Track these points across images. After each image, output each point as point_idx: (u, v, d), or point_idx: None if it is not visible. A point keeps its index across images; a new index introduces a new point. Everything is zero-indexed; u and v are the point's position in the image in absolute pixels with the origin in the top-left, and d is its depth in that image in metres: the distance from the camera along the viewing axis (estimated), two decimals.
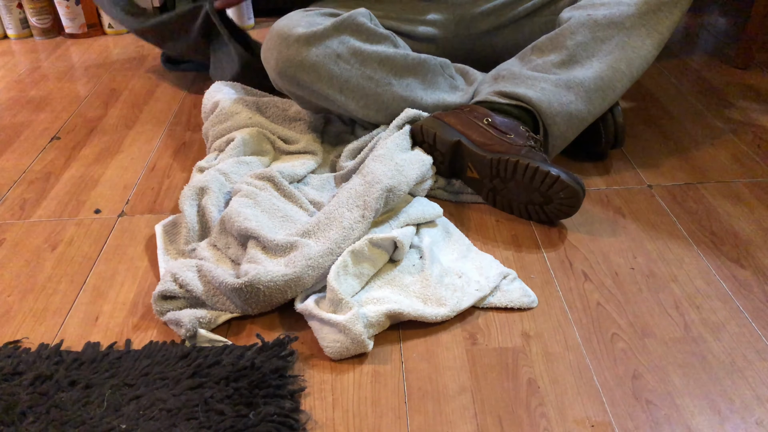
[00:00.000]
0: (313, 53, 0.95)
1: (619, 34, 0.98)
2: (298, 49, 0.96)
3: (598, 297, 0.79)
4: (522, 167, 0.87)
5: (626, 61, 0.97)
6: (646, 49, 0.98)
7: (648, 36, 0.98)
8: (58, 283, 0.85)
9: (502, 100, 0.97)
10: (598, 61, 0.97)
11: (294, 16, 1.02)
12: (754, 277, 0.81)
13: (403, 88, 1.01)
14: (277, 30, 0.99)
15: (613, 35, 0.98)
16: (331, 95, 0.98)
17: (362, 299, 0.77)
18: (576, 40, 0.98)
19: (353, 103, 1.00)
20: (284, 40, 0.97)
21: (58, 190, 1.06)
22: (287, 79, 0.98)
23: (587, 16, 0.99)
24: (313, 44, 0.95)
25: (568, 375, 0.68)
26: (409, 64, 1.02)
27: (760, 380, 0.67)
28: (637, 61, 0.98)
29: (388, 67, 1.00)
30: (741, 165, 1.06)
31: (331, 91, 0.98)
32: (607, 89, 0.97)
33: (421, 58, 1.03)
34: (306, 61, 0.96)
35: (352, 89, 0.98)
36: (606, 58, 0.97)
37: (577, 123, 0.97)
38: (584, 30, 0.98)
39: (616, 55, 0.97)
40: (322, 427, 0.64)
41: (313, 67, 0.96)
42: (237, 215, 0.83)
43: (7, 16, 1.76)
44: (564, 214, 0.89)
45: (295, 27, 0.97)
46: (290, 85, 0.99)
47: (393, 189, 0.86)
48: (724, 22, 1.71)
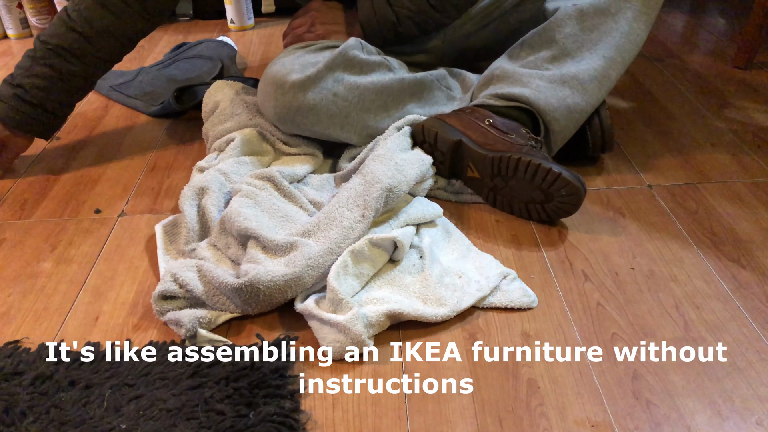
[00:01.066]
0: (310, 97, 0.96)
1: (607, 20, 0.97)
2: (295, 95, 0.96)
3: (598, 297, 0.79)
4: (524, 164, 0.87)
5: (616, 47, 0.97)
6: (634, 32, 0.98)
7: (635, 19, 0.98)
8: (58, 283, 0.85)
9: (500, 103, 0.97)
10: (588, 51, 0.97)
11: (286, 61, 1.01)
12: (754, 277, 0.81)
13: (402, 113, 1.02)
14: (271, 77, 0.98)
15: (600, 23, 0.97)
16: (332, 133, 0.99)
17: (362, 299, 0.77)
18: (564, 33, 0.98)
19: (355, 137, 1.01)
20: (279, 87, 0.97)
21: (58, 190, 1.06)
22: (287, 123, 0.99)
23: (573, 6, 0.99)
24: (308, 88, 0.95)
25: (568, 375, 0.68)
26: (406, 88, 1.02)
27: (760, 380, 0.67)
28: (628, 45, 0.98)
29: (386, 95, 1.00)
30: (741, 165, 1.06)
31: (331, 130, 0.99)
32: (602, 78, 0.97)
33: (417, 78, 1.04)
34: (304, 105, 0.96)
35: (352, 123, 0.99)
36: (597, 48, 0.97)
37: (576, 116, 0.97)
38: (571, 21, 0.98)
39: (606, 43, 0.97)
40: (322, 427, 0.64)
41: (313, 110, 0.96)
42: (237, 215, 0.83)
43: (7, 16, 1.76)
44: (565, 212, 0.89)
45: (288, 73, 0.97)
46: (291, 127, 1.00)
47: (393, 189, 0.86)
48: (724, 22, 1.71)
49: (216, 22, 1.88)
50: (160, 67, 1.50)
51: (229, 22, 1.81)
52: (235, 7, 1.77)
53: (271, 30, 1.80)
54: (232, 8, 1.78)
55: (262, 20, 1.87)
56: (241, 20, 1.79)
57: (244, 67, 1.53)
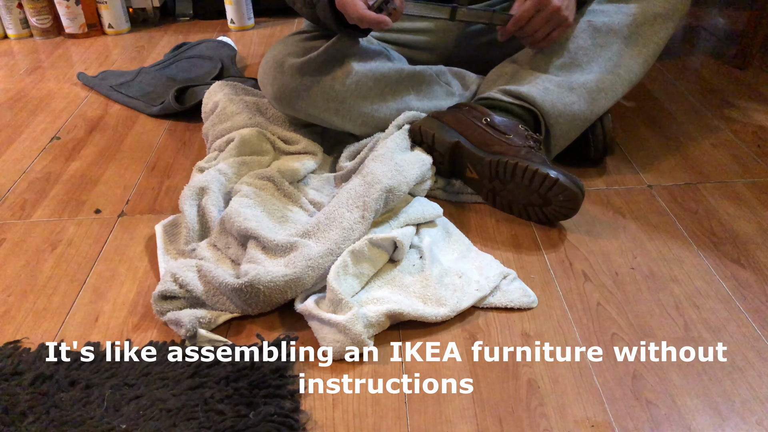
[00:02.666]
0: (308, 80, 0.97)
1: (618, 42, 1.00)
2: (293, 76, 0.97)
3: (598, 297, 0.79)
4: (521, 169, 0.87)
5: (625, 67, 1.00)
6: (642, 57, 1.00)
7: (644, 45, 1.00)
8: (58, 283, 0.85)
9: (505, 98, 0.98)
10: (598, 65, 0.99)
11: (289, 42, 1.03)
12: (754, 277, 0.81)
13: (399, 103, 1.02)
14: (272, 57, 1.00)
15: (612, 42, 1.00)
16: (327, 118, 1.00)
17: (362, 299, 0.77)
18: (577, 44, 1.00)
19: (350, 124, 1.01)
20: (279, 67, 0.99)
21: (58, 190, 1.06)
22: (284, 105, 1.00)
23: (587, 23, 1.01)
24: (307, 71, 0.97)
25: (568, 375, 0.68)
26: (404, 78, 1.03)
27: (760, 380, 0.67)
28: (635, 67, 1.00)
29: (383, 84, 1.00)
30: (741, 165, 1.06)
31: (326, 115, 0.99)
32: (609, 90, 0.99)
33: (416, 70, 1.04)
34: (301, 87, 0.97)
35: (348, 109, 0.99)
36: (606, 64, 0.99)
37: (579, 123, 0.98)
38: (584, 35, 1.00)
39: (615, 62, 0.99)
40: (322, 427, 0.64)
41: (309, 94, 0.97)
42: (237, 215, 0.83)
43: (7, 16, 1.76)
44: (563, 216, 0.89)
45: (289, 55, 0.99)
46: (287, 109, 1.01)
47: (393, 189, 0.86)
48: (724, 22, 1.71)
49: (216, 22, 1.88)
50: (160, 67, 1.50)
51: (229, 22, 1.81)
52: (235, 7, 1.77)
53: (271, 30, 1.80)
54: (232, 8, 1.78)
55: (262, 20, 1.87)
56: (241, 20, 1.79)
57: (244, 67, 1.53)
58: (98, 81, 1.45)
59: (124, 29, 1.81)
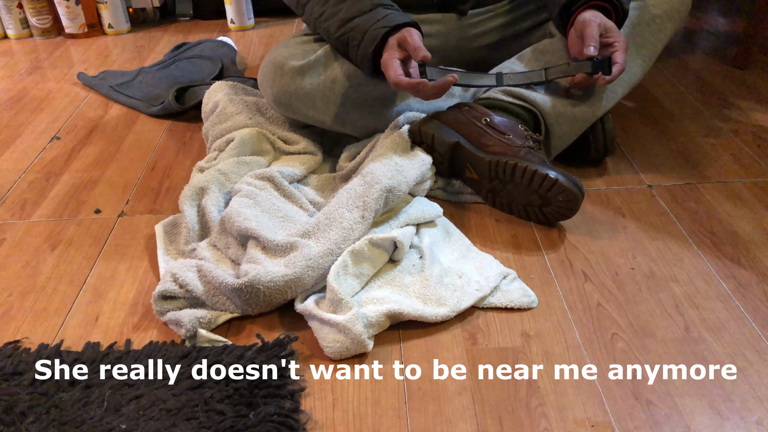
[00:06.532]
0: (308, 82, 0.97)
1: None
2: (293, 79, 0.97)
3: (598, 297, 0.79)
4: (520, 170, 0.87)
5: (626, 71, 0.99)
6: (642, 58, 1.01)
7: (644, 47, 1.00)
8: (58, 283, 0.85)
9: (505, 97, 0.98)
10: None
11: (289, 44, 1.02)
12: (754, 277, 0.81)
13: (400, 106, 1.02)
14: (272, 60, 1.00)
15: None
16: (327, 120, 1.00)
17: (362, 299, 0.77)
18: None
19: (349, 127, 1.01)
20: (279, 70, 0.98)
21: (58, 190, 1.06)
22: (284, 107, 1.00)
23: None
24: (307, 74, 0.97)
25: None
26: None
27: (760, 380, 0.67)
28: (635, 68, 1.00)
29: (384, 86, 1.00)
30: (741, 165, 1.06)
31: (326, 117, 0.99)
32: (609, 92, 0.99)
33: None
34: (300, 90, 0.97)
35: (347, 112, 0.99)
36: None
37: (579, 124, 0.98)
38: None
39: None
40: (322, 427, 0.64)
41: (308, 96, 0.97)
42: (237, 215, 0.83)
43: (7, 16, 1.76)
44: (563, 216, 0.89)
45: (289, 57, 0.98)
46: (287, 111, 1.01)
47: (392, 189, 0.86)
48: (724, 22, 1.71)
49: (216, 22, 1.88)
50: (160, 67, 1.50)
51: (229, 22, 1.81)
52: (235, 7, 1.77)
53: (271, 30, 1.80)
54: (232, 8, 1.78)
55: (262, 20, 1.87)
56: (241, 20, 1.79)
57: (244, 67, 1.53)
58: (98, 81, 1.45)
59: (124, 29, 1.81)
